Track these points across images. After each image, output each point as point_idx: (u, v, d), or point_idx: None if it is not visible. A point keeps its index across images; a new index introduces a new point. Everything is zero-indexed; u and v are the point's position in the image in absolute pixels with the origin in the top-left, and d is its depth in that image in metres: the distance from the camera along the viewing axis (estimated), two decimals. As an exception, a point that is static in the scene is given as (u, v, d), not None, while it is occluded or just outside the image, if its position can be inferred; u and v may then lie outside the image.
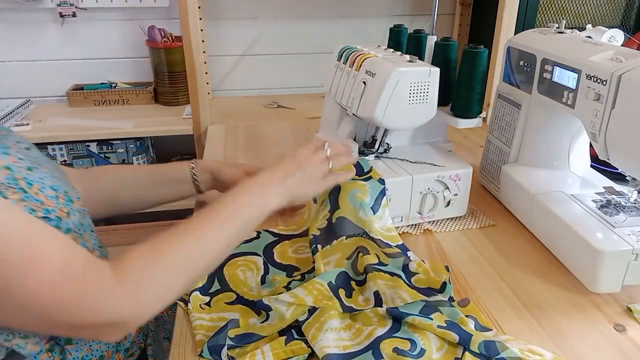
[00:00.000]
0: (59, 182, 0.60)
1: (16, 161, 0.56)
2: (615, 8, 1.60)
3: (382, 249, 0.71)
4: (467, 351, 0.55)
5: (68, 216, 0.57)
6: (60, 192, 0.58)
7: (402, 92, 0.76)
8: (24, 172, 0.55)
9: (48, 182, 0.57)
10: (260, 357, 0.54)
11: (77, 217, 0.59)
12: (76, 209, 0.59)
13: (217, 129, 1.31)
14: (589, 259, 0.66)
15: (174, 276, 0.53)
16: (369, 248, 0.71)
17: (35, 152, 0.66)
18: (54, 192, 0.56)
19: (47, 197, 0.55)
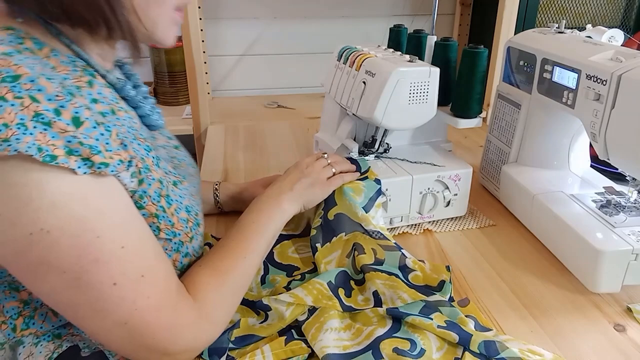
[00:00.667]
0: (194, 200, 0.62)
1: (165, 175, 0.56)
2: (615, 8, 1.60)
3: (377, 242, 0.71)
4: (467, 351, 0.55)
5: (190, 241, 0.57)
6: (192, 214, 0.58)
7: (402, 92, 0.76)
8: (170, 187, 0.55)
9: (185, 201, 0.58)
10: (260, 357, 0.54)
11: (198, 242, 0.60)
12: (200, 232, 0.60)
13: (217, 129, 1.31)
14: (589, 259, 0.66)
15: (235, 296, 0.58)
16: (364, 245, 0.71)
17: (182, 154, 0.69)
18: (187, 214, 0.57)
19: (179, 220, 0.55)
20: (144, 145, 0.52)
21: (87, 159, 0.43)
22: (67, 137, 0.42)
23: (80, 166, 0.42)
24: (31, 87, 0.41)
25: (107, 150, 0.45)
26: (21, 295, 0.51)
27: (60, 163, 0.41)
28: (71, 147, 0.42)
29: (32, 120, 0.40)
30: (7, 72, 0.41)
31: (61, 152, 0.41)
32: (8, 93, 0.40)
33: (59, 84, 0.44)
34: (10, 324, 0.51)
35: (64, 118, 0.42)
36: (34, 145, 0.40)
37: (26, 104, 0.40)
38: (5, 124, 0.39)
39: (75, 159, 0.42)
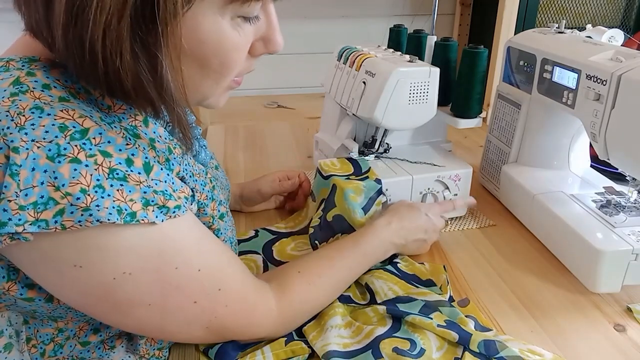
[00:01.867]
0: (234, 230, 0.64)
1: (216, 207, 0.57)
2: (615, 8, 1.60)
3: None
4: (467, 351, 0.55)
5: None
6: (233, 245, 0.61)
7: (402, 92, 0.76)
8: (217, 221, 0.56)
9: (229, 233, 0.60)
10: (260, 357, 0.54)
11: None
12: None
13: (217, 129, 1.31)
14: (589, 259, 0.66)
15: (317, 306, 0.60)
16: None
17: (220, 175, 0.72)
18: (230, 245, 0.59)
19: None
20: (200, 181, 0.54)
21: (163, 206, 0.43)
22: (142, 188, 0.42)
23: (158, 215, 0.43)
24: (100, 140, 0.40)
25: (175, 190, 0.46)
26: (58, 324, 0.51)
27: (141, 219, 0.41)
28: (147, 198, 0.42)
29: (109, 178, 0.40)
30: (73, 126, 0.39)
31: (139, 207, 0.41)
32: (80, 152, 0.39)
33: (121, 129, 0.44)
34: (40, 349, 0.51)
35: (136, 166, 0.42)
36: (114, 208, 0.40)
37: (99, 161, 0.40)
38: (84, 189, 0.38)
39: (152, 209, 0.42)
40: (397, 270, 0.69)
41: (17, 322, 0.50)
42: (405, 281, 0.66)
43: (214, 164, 0.71)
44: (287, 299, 0.56)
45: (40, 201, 0.38)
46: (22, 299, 0.46)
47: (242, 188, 0.87)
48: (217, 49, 0.44)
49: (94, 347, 0.54)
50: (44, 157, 0.38)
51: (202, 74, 0.46)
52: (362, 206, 0.73)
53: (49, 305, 0.47)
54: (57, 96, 0.41)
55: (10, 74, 0.42)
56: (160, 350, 0.56)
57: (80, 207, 0.38)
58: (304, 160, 1.11)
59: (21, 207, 0.37)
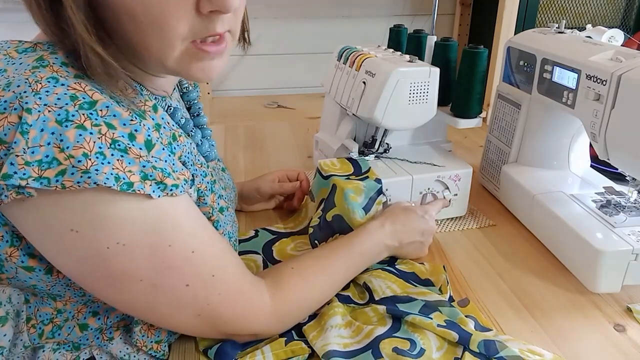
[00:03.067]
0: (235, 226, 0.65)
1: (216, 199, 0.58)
2: (615, 8, 1.60)
3: None
4: (467, 351, 0.55)
5: None
6: (232, 240, 0.62)
7: (402, 92, 0.76)
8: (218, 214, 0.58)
9: (228, 227, 0.60)
10: (260, 357, 0.54)
11: None
12: None
13: (217, 129, 1.31)
14: (589, 259, 0.66)
15: (313, 303, 0.61)
16: None
17: (227, 177, 0.73)
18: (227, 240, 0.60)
19: None
20: (200, 171, 0.56)
21: (160, 182, 0.45)
22: (142, 162, 0.44)
23: (155, 190, 0.45)
24: (107, 113, 0.43)
25: (174, 171, 0.48)
26: (57, 304, 0.53)
27: (137, 190, 0.43)
28: (146, 172, 0.44)
29: (110, 148, 0.42)
30: (83, 97, 0.42)
31: (137, 178, 0.43)
32: (87, 121, 0.41)
33: (128, 108, 0.46)
34: (38, 329, 0.52)
35: (138, 142, 0.44)
36: (112, 174, 0.42)
37: (103, 131, 0.42)
38: (86, 153, 0.41)
39: (150, 183, 0.44)
40: (396, 270, 0.69)
41: (18, 301, 0.51)
42: (403, 280, 0.66)
43: (221, 166, 0.72)
44: (281, 295, 0.56)
45: (45, 160, 0.40)
46: (22, 267, 0.47)
47: (241, 186, 0.87)
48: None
49: (93, 334, 0.54)
50: (53, 120, 0.40)
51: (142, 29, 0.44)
52: (362, 206, 0.73)
53: (48, 278, 0.49)
54: (74, 73, 0.44)
55: (35, 53, 0.45)
56: (159, 344, 0.55)
57: (81, 169, 0.41)
58: (304, 160, 1.11)
59: (27, 162, 0.40)
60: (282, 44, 1.62)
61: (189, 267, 0.48)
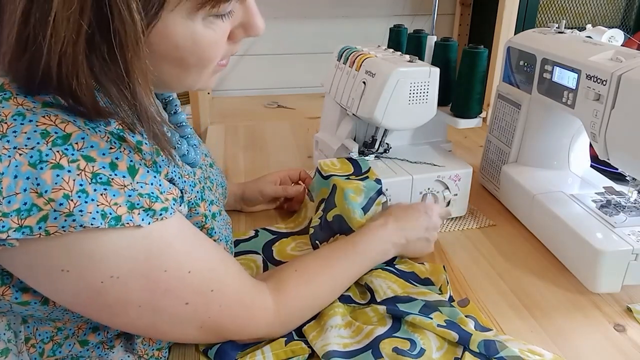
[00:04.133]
0: (229, 227, 0.64)
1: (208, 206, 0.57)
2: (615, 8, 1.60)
3: None
4: (467, 351, 0.55)
5: None
6: (228, 244, 0.61)
7: (402, 92, 0.76)
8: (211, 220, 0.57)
9: (224, 231, 0.60)
10: (260, 357, 0.54)
11: None
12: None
13: (217, 129, 1.31)
14: (589, 259, 0.66)
15: (316, 305, 0.60)
16: None
17: (215, 172, 0.71)
18: (225, 244, 0.59)
19: None
20: (189, 182, 0.54)
21: (149, 208, 0.43)
22: (127, 192, 0.42)
23: (144, 218, 0.43)
24: (83, 145, 0.40)
25: (162, 192, 0.45)
26: (56, 324, 0.52)
27: (126, 223, 0.41)
28: (132, 201, 0.42)
29: (92, 183, 0.40)
30: (55, 132, 0.39)
31: (124, 210, 0.41)
32: (63, 158, 0.39)
33: (106, 133, 0.43)
34: (39, 348, 0.51)
35: (121, 170, 0.42)
36: (97, 212, 0.40)
37: (82, 166, 0.40)
38: (67, 195, 0.38)
39: (138, 212, 0.42)
40: (396, 269, 0.69)
41: (15, 322, 0.50)
42: (403, 279, 0.66)
43: (209, 162, 0.70)
44: (284, 297, 0.56)
45: (24, 208, 0.38)
46: (17, 303, 0.46)
47: (243, 188, 0.87)
48: (193, 48, 0.44)
49: (93, 347, 0.54)
50: (26, 164, 0.38)
51: (183, 71, 0.46)
52: (362, 206, 0.73)
53: (45, 308, 0.48)
54: (41, 102, 0.41)
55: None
56: (160, 351, 0.56)
57: (64, 212, 0.38)
58: (304, 160, 1.11)
59: (4, 214, 0.38)
60: (282, 44, 1.62)
61: (186, 288, 0.47)
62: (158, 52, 0.43)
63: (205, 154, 0.69)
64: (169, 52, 0.44)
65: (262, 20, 0.49)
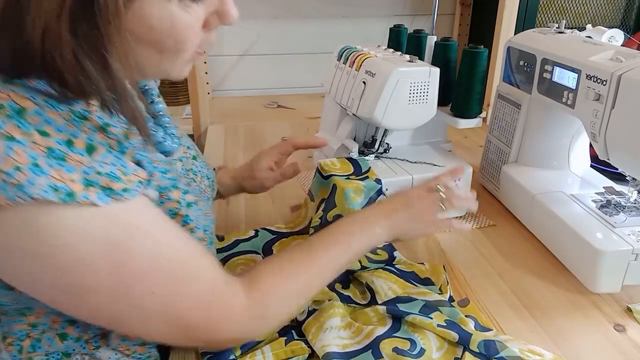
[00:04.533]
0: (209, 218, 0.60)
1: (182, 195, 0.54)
2: (615, 8, 1.60)
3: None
4: (467, 351, 0.55)
5: None
6: (207, 233, 0.58)
7: (402, 92, 0.76)
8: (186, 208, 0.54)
9: (202, 221, 0.57)
10: (260, 357, 0.54)
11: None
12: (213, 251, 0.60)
13: (217, 129, 1.31)
14: (589, 259, 0.66)
15: (296, 299, 0.56)
16: None
17: (199, 164, 0.68)
18: (203, 233, 0.56)
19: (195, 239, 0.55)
20: (160, 168, 0.52)
21: (107, 187, 0.42)
22: (83, 169, 0.41)
23: (102, 197, 0.41)
24: (39, 120, 0.39)
25: (125, 174, 0.44)
26: (29, 319, 0.51)
27: (80, 199, 0.40)
28: (89, 179, 0.41)
29: (45, 157, 0.39)
30: (10, 106, 0.39)
31: (79, 187, 0.40)
32: (15, 131, 0.38)
33: (68, 111, 0.42)
34: (17, 345, 0.51)
35: (77, 148, 0.41)
36: (49, 186, 0.39)
37: (36, 139, 0.39)
38: (17, 167, 0.38)
39: (95, 190, 0.41)
40: (396, 269, 0.69)
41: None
42: (403, 279, 0.66)
43: (192, 154, 0.68)
44: (257, 293, 0.52)
45: None
46: None
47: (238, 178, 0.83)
48: (169, 31, 0.45)
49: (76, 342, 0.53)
50: None
51: (159, 54, 0.46)
52: (362, 206, 0.73)
53: (11, 293, 0.47)
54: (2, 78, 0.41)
55: None
56: (143, 347, 0.54)
57: (13, 183, 0.38)
58: (304, 160, 1.11)
59: None
60: (282, 44, 1.62)
61: (152, 275, 0.45)
62: (134, 33, 0.43)
63: (188, 146, 0.67)
64: (144, 34, 0.44)
65: (236, 9, 0.50)
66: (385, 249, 0.74)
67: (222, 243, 0.76)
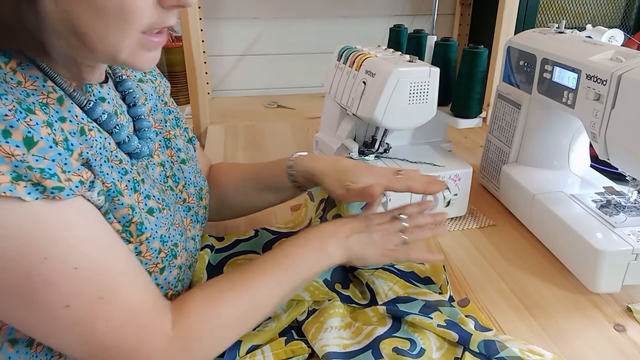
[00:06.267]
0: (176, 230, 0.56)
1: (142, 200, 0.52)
2: (615, 8, 1.60)
3: None
4: (467, 351, 0.55)
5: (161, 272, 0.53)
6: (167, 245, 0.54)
7: (402, 92, 0.76)
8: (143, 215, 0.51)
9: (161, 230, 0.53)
10: (260, 357, 0.54)
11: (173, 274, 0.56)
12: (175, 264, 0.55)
13: (217, 129, 1.31)
14: (589, 259, 0.66)
15: (228, 333, 0.52)
16: None
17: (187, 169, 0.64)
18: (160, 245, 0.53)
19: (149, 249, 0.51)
20: (118, 168, 0.49)
21: (37, 183, 0.40)
22: (14, 162, 0.39)
23: (31, 192, 0.40)
24: None
25: (65, 172, 0.42)
26: None
27: (5, 192, 0.39)
28: (19, 173, 0.39)
29: None
30: None
31: (7, 179, 0.39)
32: None
33: (13, 101, 0.40)
34: None
35: (14, 139, 0.39)
36: None
37: None
38: None
39: (24, 184, 0.40)
40: (396, 269, 0.69)
41: None
42: (404, 280, 0.66)
43: (181, 158, 0.64)
44: (183, 320, 0.48)
45: None
46: None
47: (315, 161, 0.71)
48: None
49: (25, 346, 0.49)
50: None
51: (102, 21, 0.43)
52: (361, 206, 0.73)
53: None
54: None
55: None
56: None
57: None
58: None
59: None
60: (282, 44, 1.62)
61: (69, 285, 0.42)
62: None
63: (178, 148, 0.64)
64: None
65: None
66: None
67: (222, 243, 0.76)
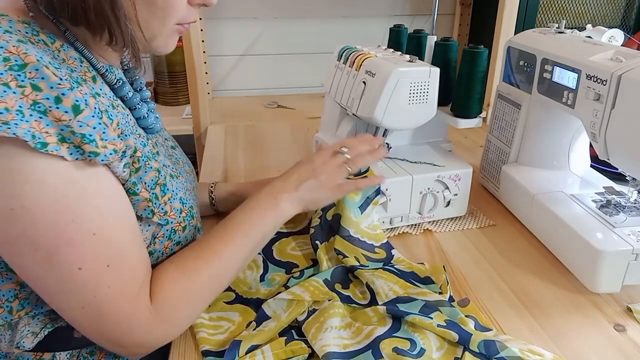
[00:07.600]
0: (190, 195, 0.64)
1: (163, 167, 0.59)
2: (615, 8, 1.60)
3: (362, 251, 0.72)
4: (467, 351, 0.55)
5: (183, 230, 0.60)
6: (186, 206, 0.61)
7: (402, 92, 0.76)
8: (167, 178, 0.58)
9: (180, 193, 0.60)
10: (260, 357, 0.54)
11: (191, 232, 0.62)
12: (193, 224, 0.62)
13: (217, 129, 1.31)
14: (589, 259, 0.66)
15: (202, 298, 0.57)
16: (347, 252, 0.71)
17: (178, 153, 0.72)
18: (180, 205, 0.59)
19: (172, 209, 0.58)
20: (140, 141, 0.56)
21: (78, 146, 0.46)
22: (60, 126, 0.45)
23: (72, 152, 0.46)
24: (35, 75, 0.44)
25: (102, 139, 0.47)
26: (17, 277, 0.53)
27: (51, 151, 0.44)
28: (64, 135, 0.45)
29: (30, 108, 0.44)
30: (15, 60, 0.44)
31: (53, 140, 0.44)
32: (12, 81, 0.43)
33: (66, 73, 0.46)
34: (6, 307, 0.53)
35: (64, 105, 0.45)
36: (29, 132, 0.43)
37: (27, 92, 0.44)
38: (7, 108, 0.43)
39: (67, 146, 0.45)
40: (395, 269, 0.69)
41: None
42: (404, 280, 0.66)
43: (170, 144, 0.71)
44: (159, 294, 0.53)
45: None
46: None
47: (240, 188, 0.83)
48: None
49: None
50: None
51: (150, 12, 0.52)
52: (358, 205, 0.73)
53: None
54: (16, 39, 0.46)
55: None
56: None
57: (1, 120, 0.42)
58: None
59: None
60: (282, 44, 1.62)
61: (87, 249, 0.47)
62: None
63: (165, 137, 0.71)
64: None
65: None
66: (383, 248, 0.74)
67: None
